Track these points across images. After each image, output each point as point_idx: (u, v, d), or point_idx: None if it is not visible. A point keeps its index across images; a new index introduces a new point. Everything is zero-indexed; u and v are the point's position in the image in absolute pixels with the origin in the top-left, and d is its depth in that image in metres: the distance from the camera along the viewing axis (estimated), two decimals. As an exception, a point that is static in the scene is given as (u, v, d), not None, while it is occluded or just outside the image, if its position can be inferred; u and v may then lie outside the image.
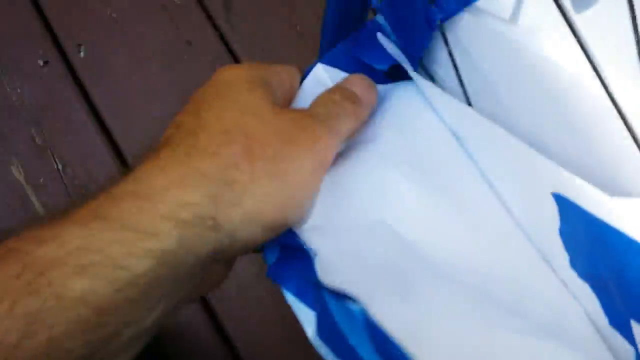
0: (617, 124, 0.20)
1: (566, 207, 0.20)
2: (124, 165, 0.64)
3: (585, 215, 0.19)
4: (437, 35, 0.26)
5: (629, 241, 0.17)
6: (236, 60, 0.67)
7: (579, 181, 0.19)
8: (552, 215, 0.20)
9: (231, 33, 0.68)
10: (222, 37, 0.68)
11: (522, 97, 0.23)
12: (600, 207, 0.18)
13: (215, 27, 0.69)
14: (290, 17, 0.69)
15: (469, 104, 0.25)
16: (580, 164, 0.22)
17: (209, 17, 0.69)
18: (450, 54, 0.25)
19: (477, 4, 0.23)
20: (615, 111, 0.20)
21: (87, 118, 0.65)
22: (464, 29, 0.24)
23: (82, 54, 0.68)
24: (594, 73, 0.20)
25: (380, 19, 0.29)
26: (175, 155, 0.22)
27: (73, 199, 0.62)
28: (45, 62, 0.67)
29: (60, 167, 0.63)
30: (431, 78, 0.28)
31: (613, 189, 0.21)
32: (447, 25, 0.25)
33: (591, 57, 0.20)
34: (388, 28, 0.29)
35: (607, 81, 0.20)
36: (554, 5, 0.21)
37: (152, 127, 0.65)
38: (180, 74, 0.67)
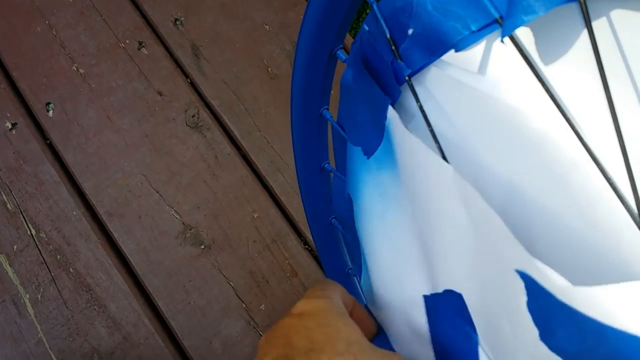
0: (591, 171, 0.20)
1: (531, 285, 0.20)
2: (99, 224, 0.63)
3: (549, 297, 0.19)
4: (407, 88, 0.26)
5: (601, 326, 0.17)
6: (208, 107, 0.67)
7: (540, 265, 0.19)
8: (519, 289, 0.20)
9: (202, 80, 0.68)
10: (193, 85, 0.68)
11: (495, 149, 0.23)
12: (567, 294, 0.18)
13: (186, 75, 0.69)
14: (261, 59, 0.69)
15: (443, 157, 0.25)
16: (558, 211, 0.22)
17: (179, 66, 0.69)
18: (421, 108, 0.25)
19: (444, 57, 0.23)
20: (588, 158, 0.20)
21: (58, 179, 0.64)
22: (432, 82, 0.24)
23: (50, 113, 0.67)
24: (565, 122, 0.20)
25: (349, 74, 0.29)
26: None
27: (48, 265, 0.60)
28: (14, 125, 0.66)
29: (33, 232, 0.61)
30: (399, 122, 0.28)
31: (593, 233, 0.21)
32: (416, 79, 0.25)
33: (562, 106, 0.20)
34: (358, 82, 0.29)
35: (579, 129, 0.20)
36: (520, 57, 0.21)
37: (125, 182, 0.64)
38: (153, 125, 0.66)
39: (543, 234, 0.24)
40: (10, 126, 0.66)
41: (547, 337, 0.20)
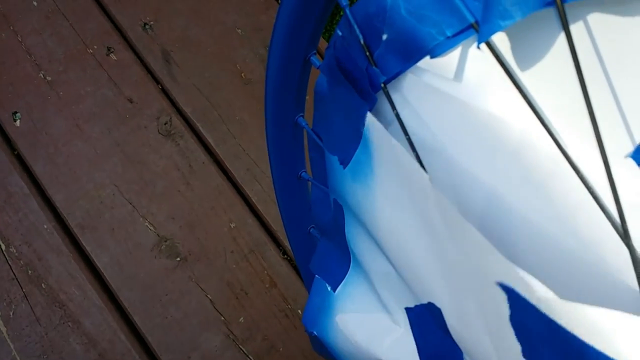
0: (571, 180, 0.20)
1: (514, 298, 0.19)
2: (70, 238, 0.61)
3: (534, 311, 0.18)
4: (382, 95, 0.25)
5: (583, 345, 0.17)
6: (181, 114, 0.65)
7: (523, 274, 0.18)
8: (501, 303, 0.20)
9: (173, 86, 0.67)
10: (164, 91, 0.67)
11: (474, 157, 0.23)
12: (549, 307, 0.18)
13: (157, 81, 0.67)
14: (234, 64, 0.68)
15: (421, 164, 0.24)
16: (539, 220, 0.22)
17: (149, 72, 0.68)
18: (397, 116, 0.24)
19: (420, 64, 0.23)
20: (568, 166, 0.20)
21: (28, 191, 0.62)
22: (408, 89, 0.24)
23: (17, 122, 0.65)
24: (542, 129, 0.20)
25: (323, 80, 0.28)
26: None
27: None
28: (-22, 134, 0.63)
29: (3, 247, 0.59)
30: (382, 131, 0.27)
31: (573, 241, 0.21)
32: (392, 85, 0.24)
33: (540, 113, 0.20)
34: (332, 88, 0.28)
35: (558, 137, 0.20)
36: (496, 63, 0.20)
37: (97, 193, 0.62)
38: (124, 134, 0.64)
39: (524, 244, 0.24)
40: (-26, 138, 0.63)
41: (531, 353, 0.19)
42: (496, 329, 0.21)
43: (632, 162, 0.18)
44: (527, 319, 0.19)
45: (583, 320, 0.17)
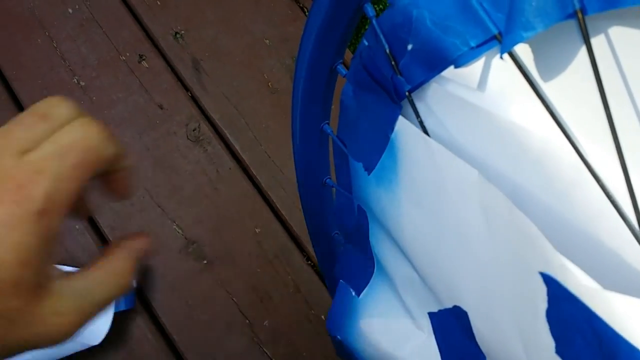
0: (593, 188, 0.20)
1: (555, 290, 0.19)
2: (101, 238, 0.63)
3: (575, 302, 0.18)
4: (407, 104, 0.26)
5: (621, 341, 0.17)
6: (209, 121, 0.67)
7: (571, 266, 0.19)
8: (540, 297, 0.20)
9: (202, 94, 0.68)
10: (193, 99, 0.68)
11: (497, 166, 0.23)
12: (591, 297, 0.18)
13: (186, 88, 0.69)
14: (261, 73, 0.69)
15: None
16: (562, 228, 0.22)
17: (179, 79, 0.69)
18: (422, 124, 0.25)
19: (444, 73, 0.23)
20: (588, 174, 0.20)
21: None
22: (432, 98, 0.24)
23: (52, 126, 0.67)
24: (564, 138, 0.20)
25: (349, 88, 0.29)
26: None
27: None
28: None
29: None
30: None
31: (597, 249, 0.21)
32: (416, 94, 0.25)
33: (561, 123, 0.20)
34: (358, 97, 0.29)
35: (579, 146, 0.20)
36: (519, 73, 0.21)
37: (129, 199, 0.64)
38: (154, 139, 0.66)
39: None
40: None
41: (564, 348, 0.20)
42: (528, 327, 0.21)
43: (652, 171, 0.19)
44: (565, 311, 0.19)
45: (620, 312, 0.17)
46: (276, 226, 0.62)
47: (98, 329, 0.57)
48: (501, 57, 0.20)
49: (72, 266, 0.59)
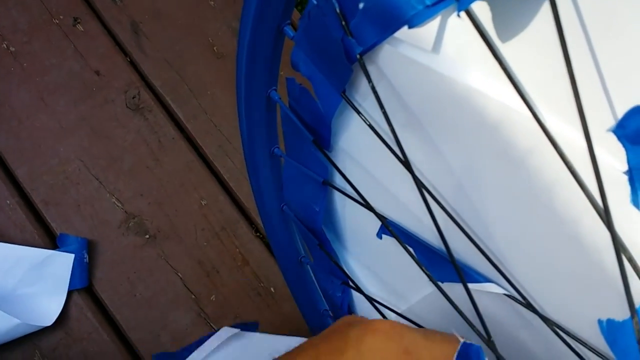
0: (550, 157, 0.19)
1: None
2: (35, 214, 0.59)
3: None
4: (358, 67, 0.24)
5: None
6: (150, 87, 0.63)
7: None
8: None
9: (142, 58, 0.64)
10: (132, 64, 0.64)
11: (450, 130, 0.22)
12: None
13: (125, 53, 0.65)
14: (205, 37, 0.65)
15: (396, 138, 0.24)
16: (514, 197, 0.21)
17: (117, 43, 0.65)
18: (373, 89, 0.23)
19: (397, 35, 0.22)
20: (548, 142, 0.19)
21: (-11, 164, 0.59)
22: (385, 61, 0.23)
23: (-22, 93, 0.62)
24: (523, 103, 0.19)
25: (298, 52, 0.27)
26: None
27: None
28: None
29: (-39, 223, 0.57)
30: (356, 110, 0.26)
31: (549, 219, 0.21)
32: (368, 57, 0.23)
33: (520, 87, 0.19)
34: (307, 60, 0.27)
35: (538, 112, 0.19)
36: (477, 35, 0.19)
37: (62, 168, 0.60)
38: (90, 107, 0.62)
39: (497, 222, 0.23)
40: None
41: None
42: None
43: (612, 137, 0.18)
44: None
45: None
46: (223, 198, 0.60)
47: (50, 309, 0.53)
48: (458, 15, 0.19)
49: (3, 241, 0.55)
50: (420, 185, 0.24)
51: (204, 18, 0.65)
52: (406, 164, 0.23)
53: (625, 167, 0.18)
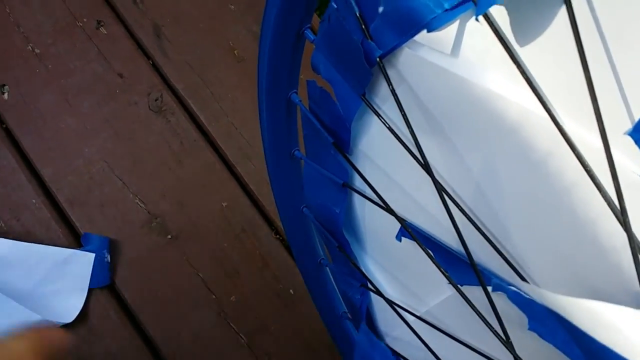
0: (569, 159, 0.19)
1: None
2: (59, 213, 0.60)
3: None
4: (378, 70, 0.24)
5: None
6: (172, 90, 0.64)
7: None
8: None
9: (164, 62, 0.65)
10: (155, 67, 0.65)
11: (470, 133, 0.22)
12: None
13: (147, 56, 0.66)
14: (226, 40, 0.66)
15: (415, 141, 0.24)
16: (533, 199, 0.22)
17: (140, 46, 0.66)
18: (393, 92, 0.24)
19: (417, 38, 0.22)
20: (564, 144, 0.19)
21: (16, 165, 0.61)
22: (404, 64, 0.23)
23: (6, 95, 0.63)
24: (541, 106, 0.19)
25: (318, 55, 0.28)
26: None
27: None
28: (-34, 108, 0.62)
29: (-10, 221, 0.58)
30: (375, 113, 0.26)
31: (567, 220, 0.21)
32: (388, 60, 0.24)
33: (538, 90, 0.19)
34: (327, 63, 0.27)
35: (556, 115, 0.19)
36: (495, 38, 0.20)
37: (86, 169, 0.61)
38: (114, 109, 0.63)
39: (515, 224, 0.24)
40: (-38, 111, 0.62)
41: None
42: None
43: (629, 140, 0.18)
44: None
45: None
46: (244, 200, 0.60)
47: (71, 306, 0.55)
48: (476, 19, 0.19)
49: (28, 241, 0.57)
50: (439, 187, 0.24)
51: (224, 22, 0.66)
52: (425, 166, 0.23)
53: (645, 170, 0.18)
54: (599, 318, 0.15)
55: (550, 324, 0.17)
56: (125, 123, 0.62)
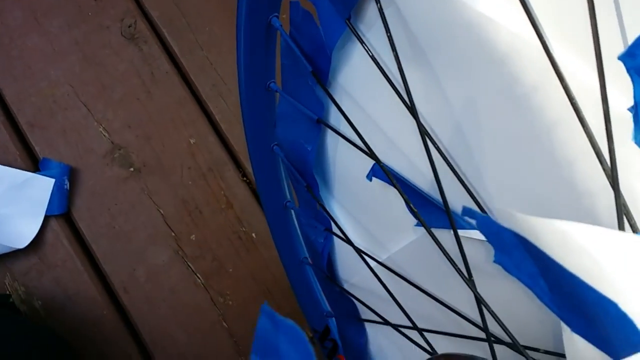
0: (555, 94, 0.19)
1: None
2: (19, 136, 0.57)
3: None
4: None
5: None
6: (147, 17, 0.61)
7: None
8: None
9: (142, -13, 0.62)
10: (132, -8, 0.62)
11: (456, 63, 0.21)
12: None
13: (125, -20, 0.62)
14: (207, -28, 0.63)
15: (400, 69, 0.23)
16: (514, 134, 0.21)
17: (117, -31, 0.62)
18: (380, 9, 0.22)
19: (411, -45, 0.21)
20: (552, 78, 0.19)
21: (-25, 79, 0.57)
22: (396, -17, 0.22)
23: (-31, 7, 0.59)
24: (533, 33, 0.18)
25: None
26: None
27: None
28: None
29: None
30: (359, 39, 0.25)
31: (548, 159, 0.20)
32: (378, -21, 0.22)
33: (534, 17, 0.18)
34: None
35: (548, 41, 0.18)
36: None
37: (51, 91, 0.58)
38: (84, 32, 0.60)
39: (492, 164, 0.23)
40: None
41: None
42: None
43: (621, 73, 0.17)
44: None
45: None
46: (212, 138, 0.59)
47: (25, 232, 0.53)
48: None
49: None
50: (420, 127, 0.23)
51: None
52: (410, 105, 0.22)
53: (631, 103, 0.17)
54: (568, 241, 0.14)
55: (517, 255, 0.16)
56: (95, 47, 0.59)
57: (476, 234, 0.25)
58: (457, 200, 0.25)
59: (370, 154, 0.28)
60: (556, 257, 0.15)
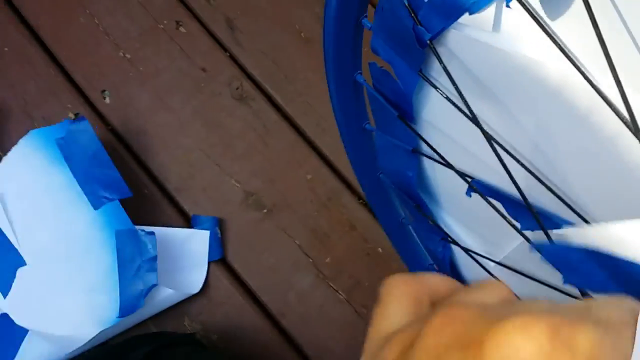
0: (607, 112, 0.22)
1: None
2: (170, 200, 0.68)
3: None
4: (429, 52, 0.27)
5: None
6: (250, 78, 0.70)
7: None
8: None
9: (240, 52, 0.71)
10: (232, 58, 0.71)
11: (519, 97, 0.25)
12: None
13: (224, 48, 0.72)
14: (292, 25, 0.70)
15: (469, 109, 0.27)
16: (584, 148, 0.24)
17: (216, 40, 0.72)
18: (444, 68, 0.27)
19: (461, 20, 0.25)
20: (601, 100, 0.22)
21: (127, 158, 0.69)
22: (453, 43, 0.26)
23: (107, 99, 0.71)
24: (575, 69, 0.22)
25: (376, 40, 0.31)
26: None
27: None
28: (76, 114, 0.70)
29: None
30: (433, 86, 0.29)
31: (614, 167, 0.23)
32: (438, 41, 0.27)
33: (571, 56, 0.22)
34: (385, 46, 0.31)
35: (591, 75, 0.22)
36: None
37: (186, 157, 0.68)
38: (201, 102, 0.70)
39: (573, 172, 0.26)
40: (73, 116, 0.71)
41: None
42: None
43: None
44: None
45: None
46: (325, 171, 0.65)
47: (196, 278, 0.63)
48: (508, 6, 0.22)
49: (147, 223, 0.65)
50: (493, 141, 0.27)
51: (288, 7, 0.70)
52: (474, 120, 0.26)
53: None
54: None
55: (585, 268, 0.20)
56: (213, 112, 0.69)
57: (570, 231, 0.28)
58: (553, 204, 0.28)
59: (458, 174, 0.32)
60: (631, 256, 0.18)
